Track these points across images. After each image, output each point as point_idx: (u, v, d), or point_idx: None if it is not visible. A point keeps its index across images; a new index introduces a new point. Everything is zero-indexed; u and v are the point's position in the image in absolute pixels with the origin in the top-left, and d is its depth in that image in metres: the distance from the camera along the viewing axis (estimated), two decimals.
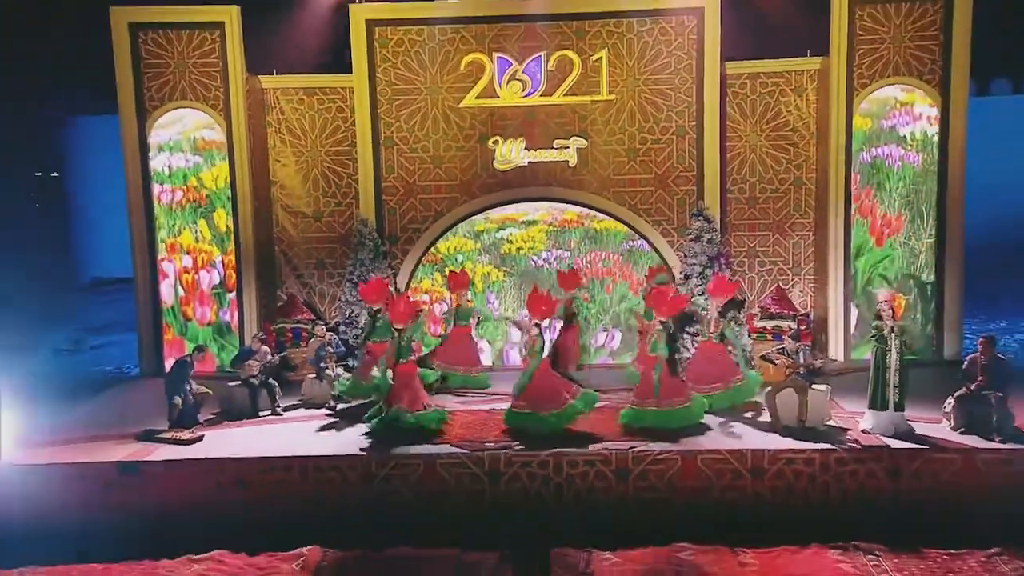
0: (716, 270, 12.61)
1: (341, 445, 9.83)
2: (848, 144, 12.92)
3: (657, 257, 13.58)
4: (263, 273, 13.87)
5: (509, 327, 13.49)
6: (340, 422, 10.78)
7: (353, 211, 13.94)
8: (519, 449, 9.38)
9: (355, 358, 11.84)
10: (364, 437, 10.00)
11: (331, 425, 10.72)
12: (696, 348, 11.68)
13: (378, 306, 11.38)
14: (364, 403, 10.88)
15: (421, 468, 9.27)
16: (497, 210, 13.83)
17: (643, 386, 10.15)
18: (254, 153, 13.61)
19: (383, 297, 11.43)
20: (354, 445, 9.76)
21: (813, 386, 9.98)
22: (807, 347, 10.91)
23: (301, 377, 12.17)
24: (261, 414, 11.16)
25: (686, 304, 10.95)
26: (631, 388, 10.71)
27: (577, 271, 12.78)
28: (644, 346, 10.51)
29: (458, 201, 13.78)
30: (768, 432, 9.79)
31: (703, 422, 10.11)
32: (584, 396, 10.23)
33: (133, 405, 11.77)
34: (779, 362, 10.28)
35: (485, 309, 13.59)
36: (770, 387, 10.20)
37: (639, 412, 10.02)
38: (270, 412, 11.23)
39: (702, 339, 11.32)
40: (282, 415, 11.20)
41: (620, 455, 9.19)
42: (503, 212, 13.86)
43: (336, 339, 12.24)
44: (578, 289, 12.33)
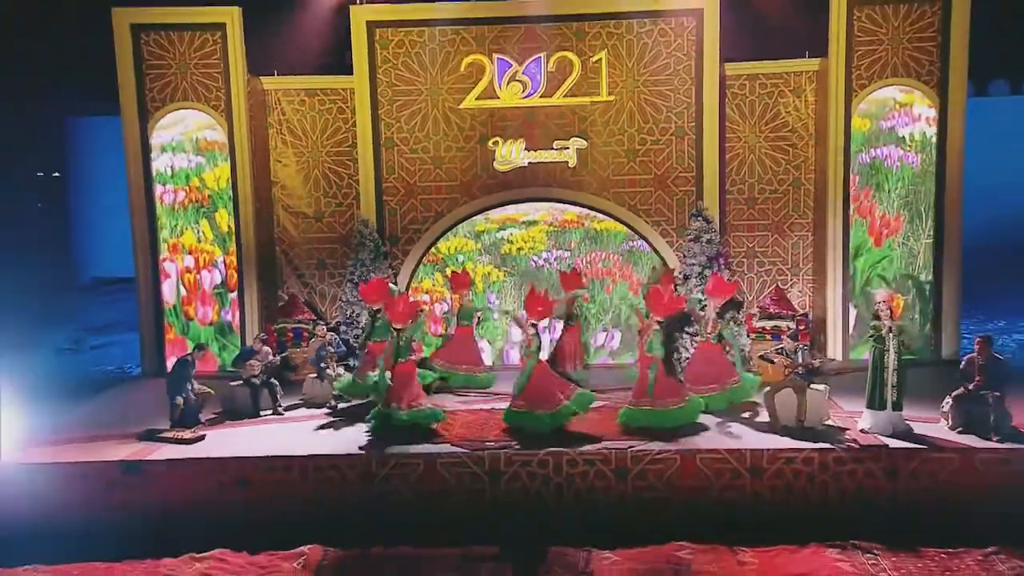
0: (715, 270, 12.63)
1: (342, 445, 9.87)
2: (847, 145, 12.96)
3: (657, 258, 13.63)
4: (264, 273, 13.91)
5: (510, 326, 13.54)
6: (341, 422, 10.83)
7: (354, 212, 13.97)
8: (517, 448, 9.43)
9: (356, 358, 11.88)
10: (365, 437, 10.03)
11: (332, 425, 10.77)
12: (695, 348, 11.72)
13: (378, 306, 11.44)
14: (364, 403, 10.94)
15: (421, 467, 9.32)
16: (498, 210, 13.85)
17: (639, 386, 10.18)
18: (255, 154, 13.66)
19: (383, 297, 11.47)
20: (355, 445, 9.80)
21: (812, 386, 10.01)
22: (806, 347, 10.94)
23: (302, 377, 12.22)
24: (262, 414, 11.21)
25: (683, 304, 10.99)
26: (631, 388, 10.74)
27: (579, 271, 12.83)
28: (643, 345, 10.56)
29: (458, 202, 13.81)
30: (767, 432, 9.82)
31: (701, 422, 10.14)
32: (579, 397, 10.28)
33: (135, 405, 11.82)
34: (777, 361, 10.31)
35: (486, 310, 13.61)
36: (769, 387, 10.23)
37: (634, 412, 10.06)
38: (271, 412, 11.28)
39: (700, 339, 11.37)
40: (283, 415, 11.25)
41: (619, 455, 9.23)
42: (504, 212, 13.88)
43: (337, 339, 12.29)
44: (579, 289, 12.39)
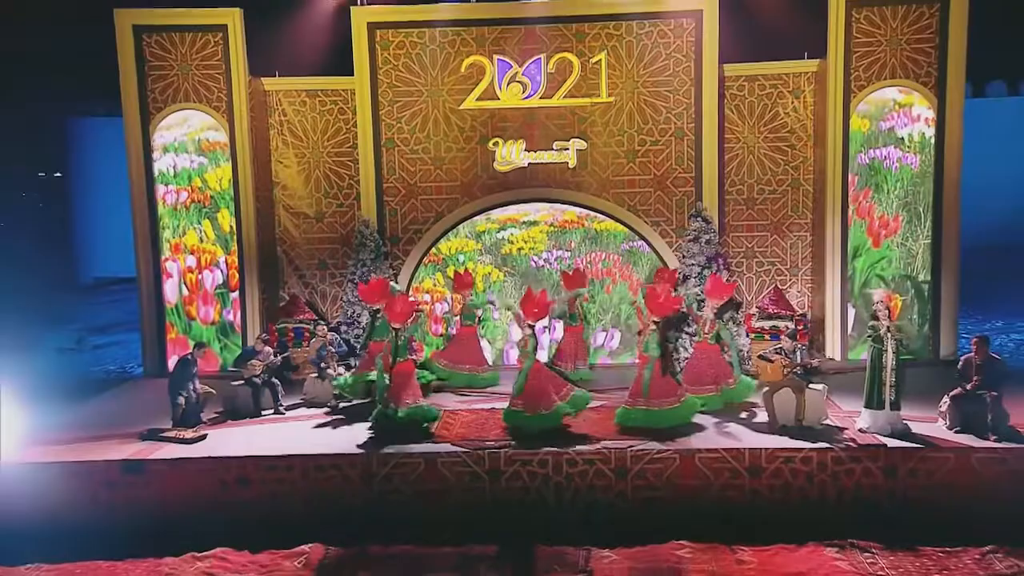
0: (714, 271, 12.67)
1: (343, 444, 9.89)
2: (845, 146, 13.00)
3: (656, 258, 13.67)
4: (266, 273, 13.96)
5: (510, 324, 13.58)
6: (341, 421, 10.86)
7: (355, 212, 14.01)
8: (515, 447, 9.46)
9: (357, 357, 11.94)
10: (365, 436, 10.06)
11: (332, 424, 10.81)
12: (693, 349, 11.76)
13: (378, 306, 11.49)
14: (365, 402, 10.97)
15: (422, 466, 9.35)
16: (498, 211, 13.89)
17: (636, 385, 10.19)
18: (256, 154, 13.71)
19: (383, 297, 11.51)
20: (355, 444, 9.83)
21: (810, 385, 10.05)
22: (804, 347, 10.98)
23: (303, 377, 12.23)
24: (264, 413, 11.24)
25: (680, 304, 11.01)
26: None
27: (582, 271, 12.88)
28: (640, 345, 10.60)
29: (459, 202, 13.85)
30: (765, 431, 9.85)
31: (698, 421, 10.17)
32: (574, 397, 10.33)
33: (137, 404, 11.86)
34: (776, 360, 10.35)
35: (487, 309, 13.64)
36: (767, 387, 10.26)
37: (629, 411, 10.08)
38: (273, 411, 11.31)
39: (698, 340, 11.41)
40: (284, 414, 11.28)
41: (619, 454, 9.27)
42: (504, 213, 13.92)
43: (338, 339, 12.34)
44: (580, 288, 12.44)
